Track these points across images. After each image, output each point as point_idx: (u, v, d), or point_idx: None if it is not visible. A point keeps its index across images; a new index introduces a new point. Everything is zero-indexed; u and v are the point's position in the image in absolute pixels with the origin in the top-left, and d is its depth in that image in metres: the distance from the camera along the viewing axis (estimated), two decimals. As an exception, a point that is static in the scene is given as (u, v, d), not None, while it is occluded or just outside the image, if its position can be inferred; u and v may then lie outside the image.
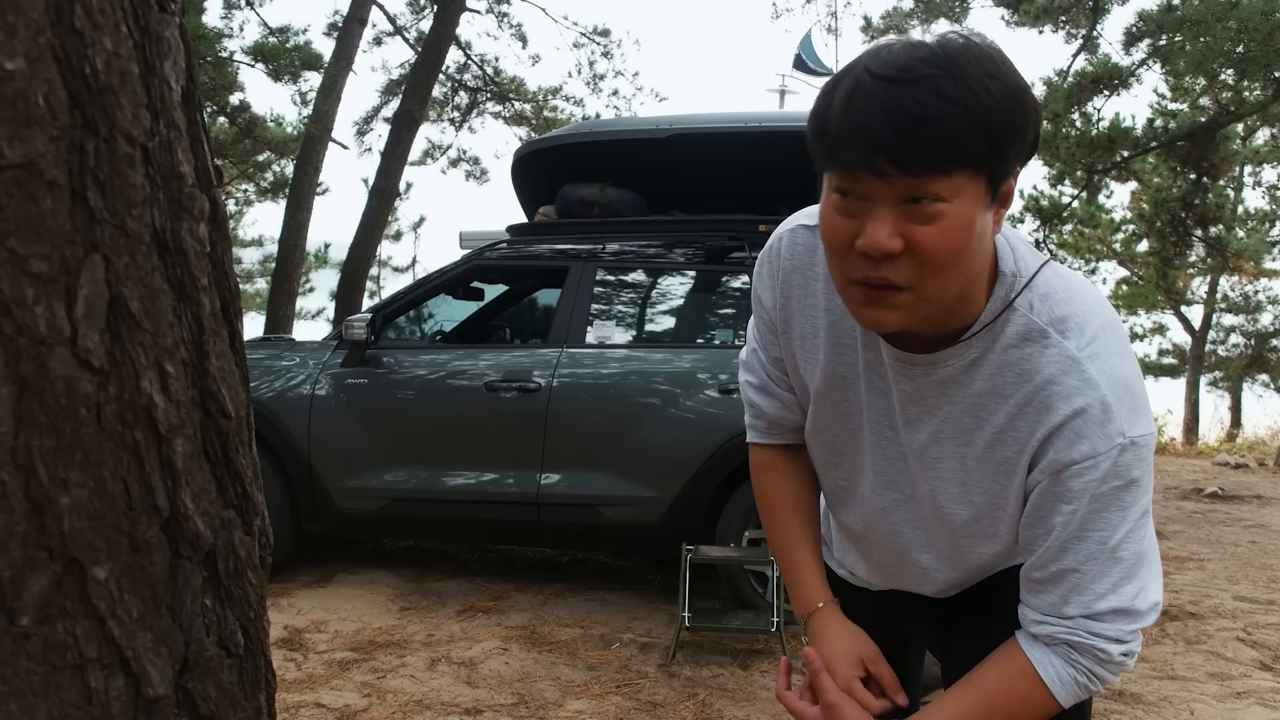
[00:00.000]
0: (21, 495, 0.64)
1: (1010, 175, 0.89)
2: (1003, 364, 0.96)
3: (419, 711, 2.82)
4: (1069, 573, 0.96)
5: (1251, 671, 3.32)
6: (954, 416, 0.99)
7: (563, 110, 13.88)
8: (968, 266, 0.89)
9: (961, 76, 0.82)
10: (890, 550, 1.12)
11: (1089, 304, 0.96)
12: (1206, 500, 7.21)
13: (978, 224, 0.86)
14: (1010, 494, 0.99)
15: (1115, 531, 0.95)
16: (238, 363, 0.83)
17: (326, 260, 18.87)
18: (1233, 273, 17.02)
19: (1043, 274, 0.97)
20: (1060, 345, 0.94)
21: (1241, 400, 19.72)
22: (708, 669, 3.24)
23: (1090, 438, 0.92)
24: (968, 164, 0.83)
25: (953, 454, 1.01)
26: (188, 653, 0.75)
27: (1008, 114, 0.84)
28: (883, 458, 1.06)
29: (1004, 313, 0.95)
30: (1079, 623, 0.96)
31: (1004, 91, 0.83)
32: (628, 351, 4.08)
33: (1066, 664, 0.98)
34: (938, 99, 0.81)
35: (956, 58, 0.83)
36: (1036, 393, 0.94)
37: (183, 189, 0.75)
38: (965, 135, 0.82)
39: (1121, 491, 0.93)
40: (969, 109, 0.81)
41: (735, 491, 3.80)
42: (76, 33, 0.66)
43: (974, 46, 0.85)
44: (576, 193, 4.42)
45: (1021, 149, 0.87)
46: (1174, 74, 10.50)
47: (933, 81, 0.81)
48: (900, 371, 1.00)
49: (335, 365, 4.18)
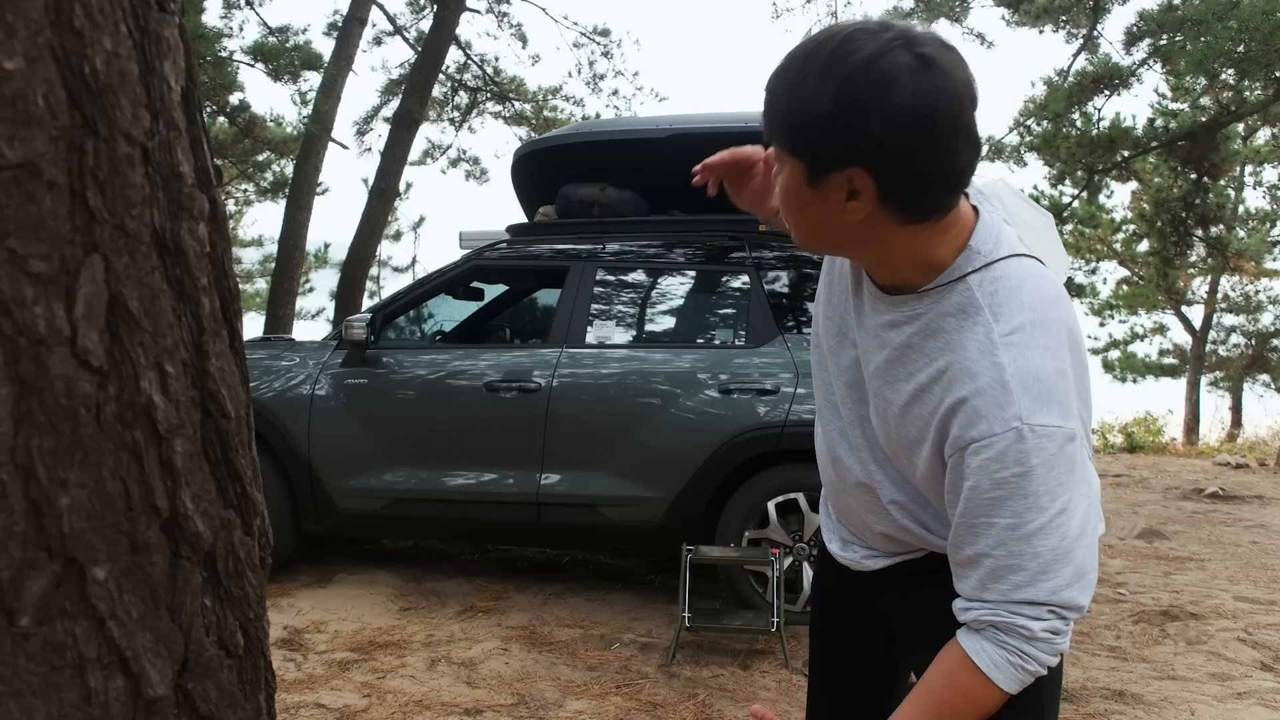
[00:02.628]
0: (21, 495, 0.64)
1: (839, 169, 0.95)
2: (938, 328, 1.03)
3: (419, 712, 2.82)
4: (982, 557, 0.99)
5: (1252, 672, 3.32)
6: (892, 360, 1.07)
7: (563, 110, 13.89)
8: (805, 226, 1.03)
9: (794, 69, 0.95)
10: (853, 470, 1.18)
11: (1032, 299, 1.01)
12: (1207, 500, 7.21)
13: (799, 194, 1.00)
14: (924, 450, 1.04)
15: (1022, 520, 0.96)
16: (237, 363, 0.83)
17: (326, 260, 18.88)
18: (1233, 273, 17.03)
19: (1008, 262, 1.03)
20: (987, 326, 0.99)
21: (1242, 400, 19.72)
22: (708, 669, 3.24)
23: (988, 417, 0.96)
24: (778, 142, 0.99)
25: (885, 394, 1.09)
26: (187, 653, 0.75)
27: (807, 113, 0.94)
28: (857, 373, 1.17)
29: (955, 282, 1.02)
30: (999, 605, 0.99)
31: (813, 90, 0.93)
32: (628, 351, 4.08)
33: (996, 646, 1.00)
34: (775, 81, 0.97)
35: (808, 53, 0.95)
36: (953, 364, 1.00)
37: (182, 189, 0.75)
38: (775, 118, 0.98)
39: (1023, 479, 0.95)
40: (788, 95, 0.96)
41: (735, 491, 3.80)
42: (76, 32, 0.66)
43: (836, 43, 0.93)
44: (576, 193, 4.42)
45: (843, 151, 0.94)
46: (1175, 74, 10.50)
47: (785, 66, 0.97)
48: (871, 304, 1.11)
49: (335, 365, 4.18)
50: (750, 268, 4.02)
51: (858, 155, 0.94)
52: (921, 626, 1.18)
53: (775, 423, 3.75)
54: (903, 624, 1.26)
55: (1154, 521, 6.19)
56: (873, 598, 1.29)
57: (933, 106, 0.91)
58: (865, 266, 1.09)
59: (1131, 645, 3.62)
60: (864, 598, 1.30)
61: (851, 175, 0.95)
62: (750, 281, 4.02)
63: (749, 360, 3.89)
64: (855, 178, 0.95)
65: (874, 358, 1.10)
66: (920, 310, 1.04)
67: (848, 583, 1.30)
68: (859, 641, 1.35)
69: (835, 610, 1.38)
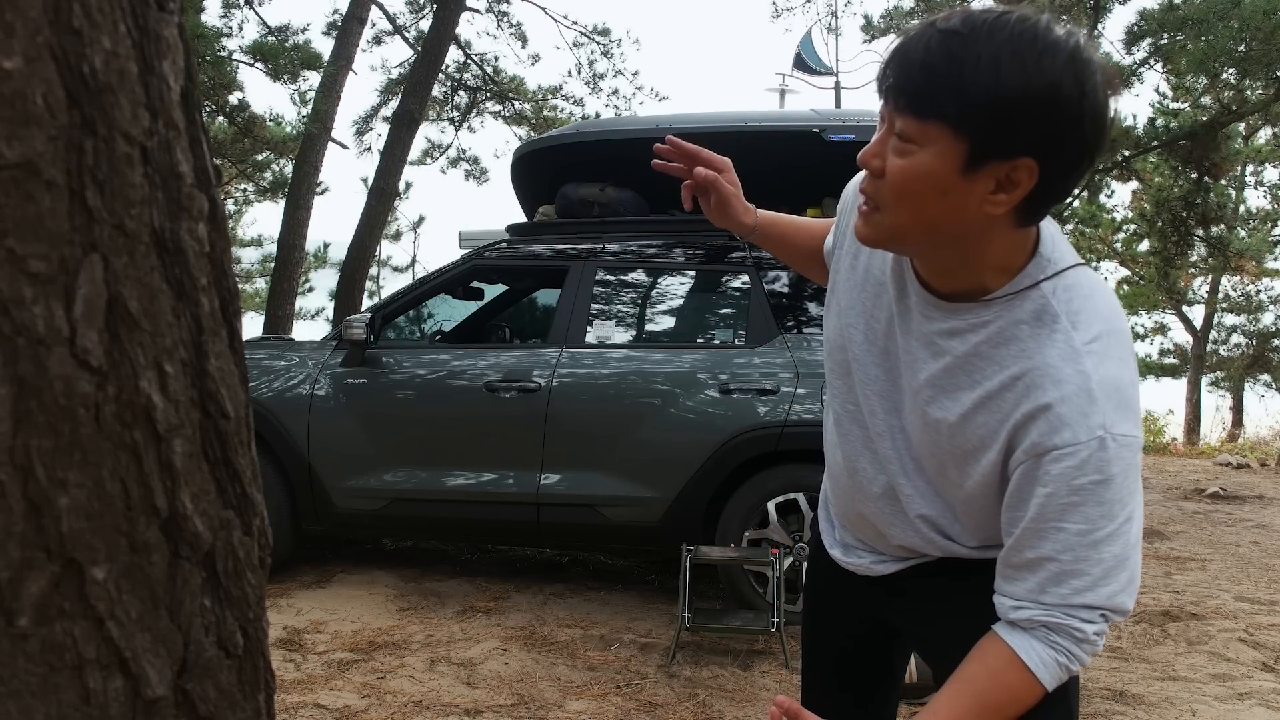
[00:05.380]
0: (20, 495, 0.64)
1: (1003, 159, 0.91)
2: (1011, 335, 1.00)
3: (419, 712, 2.82)
4: (1046, 560, 0.99)
5: (1253, 672, 3.32)
6: (952, 368, 1.04)
7: (563, 110, 13.87)
8: (927, 216, 0.95)
9: (978, 44, 0.87)
10: (877, 482, 1.16)
11: (1105, 308, 1.01)
12: (1208, 500, 7.21)
13: (943, 180, 0.92)
14: (985, 458, 1.02)
15: (1095, 527, 0.96)
16: (237, 363, 0.83)
17: (326, 260, 18.86)
18: (1234, 272, 17.02)
19: (1076, 271, 1.02)
20: (1067, 334, 0.98)
21: (1243, 400, 19.73)
22: (708, 669, 3.24)
23: (1072, 425, 0.95)
24: (942, 118, 0.90)
25: (940, 404, 1.05)
26: (187, 653, 0.75)
27: (1006, 95, 0.87)
28: (893, 385, 1.12)
29: (1029, 289, 1.00)
30: (1056, 608, 0.99)
31: (1016, 74, 0.87)
32: (628, 351, 4.08)
33: (1046, 646, 1.00)
34: (942, 53, 0.89)
35: (996, 28, 0.88)
36: (1031, 371, 0.98)
37: (181, 188, 0.75)
38: (944, 91, 0.89)
39: (1100, 487, 0.95)
40: (962, 70, 0.88)
41: (735, 491, 3.80)
42: (75, 32, 0.65)
43: (1029, 28, 0.88)
44: (576, 193, 4.41)
45: (1024, 138, 0.89)
46: (1175, 73, 10.49)
47: (953, 38, 0.89)
48: (922, 311, 1.06)
49: (334, 365, 4.18)
50: (750, 268, 4.02)
51: (1040, 145, 0.90)
52: (944, 627, 1.17)
53: (775, 423, 3.75)
54: (919, 625, 1.25)
55: (1155, 521, 6.19)
56: (878, 600, 1.28)
57: (1109, 106, 0.91)
58: (936, 269, 1.03)
59: (1132, 645, 3.62)
60: (865, 600, 1.29)
61: (1016, 165, 0.91)
62: (750, 281, 4.02)
63: (749, 360, 3.88)
64: (1020, 168, 0.91)
65: (926, 367, 1.06)
66: (989, 317, 1.01)
67: (846, 585, 1.29)
68: (858, 643, 1.35)
69: (829, 610, 1.38)
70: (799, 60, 12.81)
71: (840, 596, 1.33)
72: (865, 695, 1.36)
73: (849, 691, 1.36)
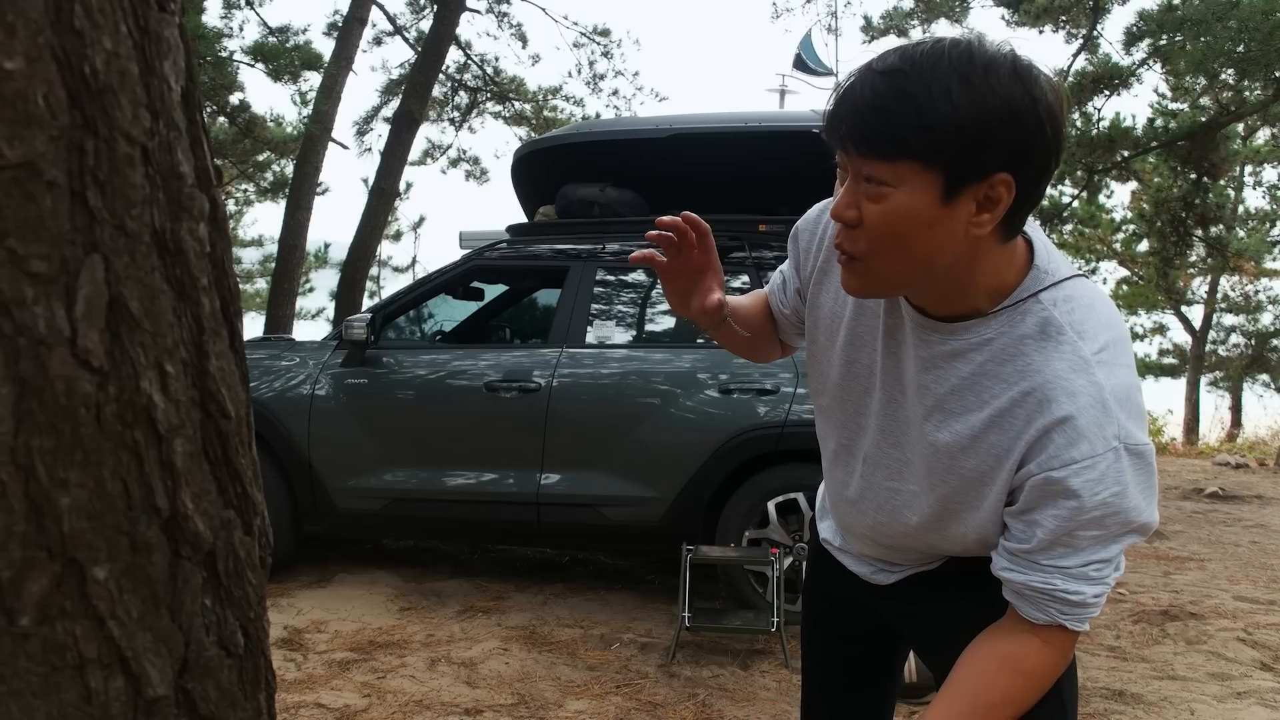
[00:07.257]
0: (21, 495, 0.64)
1: (979, 180, 0.91)
2: (1016, 351, 0.99)
3: (419, 712, 2.82)
4: (1058, 568, 1.00)
5: (1252, 672, 3.32)
6: (959, 390, 1.03)
7: (563, 110, 13.88)
8: (917, 252, 0.95)
9: (925, 76, 0.88)
10: (885, 510, 1.15)
11: (1107, 317, 1.01)
12: (1207, 500, 7.21)
13: (925, 214, 0.92)
14: (998, 478, 1.01)
15: (1110, 532, 0.97)
16: (238, 363, 0.83)
17: (326, 260, 18.85)
18: (1233, 273, 17.02)
19: (1074, 281, 1.01)
20: (1075, 345, 0.97)
21: (1242, 400, 19.71)
22: (708, 669, 3.24)
23: (1089, 438, 0.94)
24: (910, 155, 0.90)
25: (950, 427, 1.04)
26: (187, 653, 0.75)
27: (967, 119, 0.88)
28: (891, 419, 1.11)
29: (1026, 301, 0.99)
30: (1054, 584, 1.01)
31: (970, 98, 0.88)
32: (628, 351, 4.08)
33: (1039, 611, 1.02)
34: (892, 93, 0.89)
35: (935, 58, 0.89)
36: (1041, 386, 0.97)
37: (182, 189, 0.75)
38: (906, 128, 0.88)
39: (1119, 498, 0.95)
40: (917, 105, 0.88)
41: (735, 491, 3.80)
42: (76, 32, 0.66)
43: (965, 52, 0.89)
44: (576, 193, 4.42)
45: (995, 156, 0.90)
46: (1174, 74, 10.49)
47: (898, 76, 0.89)
48: (919, 336, 1.05)
49: (335, 365, 4.18)
50: (750, 268, 4.02)
51: (1010, 159, 0.90)
52: (943, 631, 1.17)
53: (775, 423, 3.75)
54: (919, 629, 1.26)
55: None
56: (881, 605, 1.28)
57: (1058, 106, 0.92)
58: (931, 298, 1.02)
59: (1131, 645, 3.62)
60: (865, 601, 1.30)
61: (993, 183, 0.91)
62: (750, 281, 4.02)
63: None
64: (997, 184, 0.91)
65: (931, 392, 1.05)
66: (989, 335, 1.01)
67: (847, 585, 1.30)
68: (858, 643, 1.35)
69: (829, 610, 1.38)
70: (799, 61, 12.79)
71: (841, 597, 1.34)
72: (864, 695, 1.37)
73: (849, 691, 1.37)
